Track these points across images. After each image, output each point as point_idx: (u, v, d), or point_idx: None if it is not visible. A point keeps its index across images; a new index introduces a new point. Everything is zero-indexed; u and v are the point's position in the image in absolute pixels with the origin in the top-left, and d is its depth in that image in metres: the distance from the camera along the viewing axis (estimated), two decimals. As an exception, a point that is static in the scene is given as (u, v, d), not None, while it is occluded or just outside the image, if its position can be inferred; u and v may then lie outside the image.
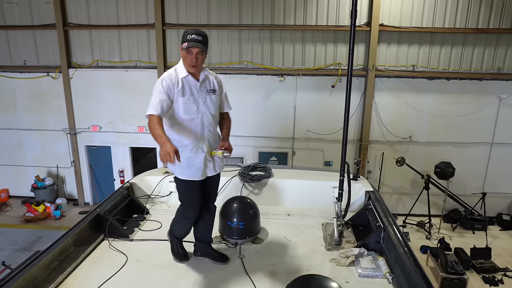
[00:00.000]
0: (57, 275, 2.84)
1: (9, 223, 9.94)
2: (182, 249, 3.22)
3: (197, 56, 2.84)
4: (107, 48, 10.08)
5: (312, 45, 9.64)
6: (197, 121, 2.92)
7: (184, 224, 3.16)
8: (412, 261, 2.61)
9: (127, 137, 10.50)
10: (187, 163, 2.90)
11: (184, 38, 2.85)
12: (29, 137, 10.81)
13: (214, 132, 3.07)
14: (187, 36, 2.83)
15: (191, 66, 2.88)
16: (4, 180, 11.21)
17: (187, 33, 2.86)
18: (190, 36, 2.82)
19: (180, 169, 2.93)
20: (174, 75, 2.88)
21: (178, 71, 2.91)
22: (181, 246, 3.23)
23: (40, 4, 9.87)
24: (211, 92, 3.04)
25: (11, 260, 7.09)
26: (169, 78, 2.85)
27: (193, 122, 2.92)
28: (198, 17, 9.64)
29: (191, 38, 2.82)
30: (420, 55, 9.45)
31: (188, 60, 2.86)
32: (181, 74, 2.90)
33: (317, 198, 4.17)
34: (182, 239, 3.24)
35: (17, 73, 10.37)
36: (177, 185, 3.06)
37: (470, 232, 9.21)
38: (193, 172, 2.94)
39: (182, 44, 2.85)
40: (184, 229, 3.19)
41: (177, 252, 3.20)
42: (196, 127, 2.93)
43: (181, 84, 2.87)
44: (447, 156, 9.49)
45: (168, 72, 2.93)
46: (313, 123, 9.95)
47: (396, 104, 9.70)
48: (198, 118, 2.93)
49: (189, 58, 2.85)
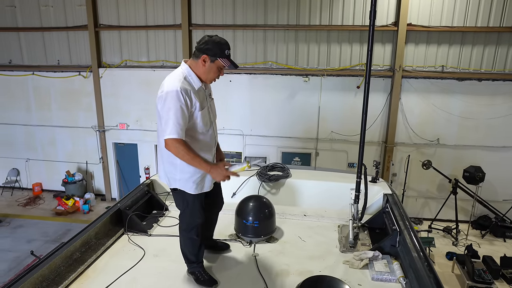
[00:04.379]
0: (78, 266, 2.96)
1: (42, 215, 10.44)
2: (207, 275, 2.85)
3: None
4: (135, 48, 10.39)
5: (337, 45, 9.54)
6: (210, 132, 2.74)
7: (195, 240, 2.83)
8: (427, 266, 2.55)
9: (153, 135, 10.64)
10: (203, 178, 2.71)
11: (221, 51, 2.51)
12: (61, 133, 11.30)
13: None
14: (225, 51, 2.52)
15: (211, 80, 2.68)
16: (38, 174, 11.78)
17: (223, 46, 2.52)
18: (228, 52, 2.53)
19: (196, 184, 2.70)
20: (188, 86, 2.54)
21: (193, 81, 2.59)
22: (204, 272, 2.86)
23: (74, 6, 10.30)
24: (211, 98, 2.85)
25: (42, 250, 7.44)
26: (185, 92, 2.48)
27: (208, 133, 2.72)
28: (224, 17, 9.76)
29: (229, 54, 2.54)
30: (450, 55, 9.15)
31: (212, 75, 2.62)
32: (197, 84, 2.60)
33: (334, 199, 4.14)
34: (200, 260, 2.90)
35: (52, 72, 10.86)
36: (184, 199, 2.75)
37: (500, 240, 8.84)
38: (207, 183, 2.78)
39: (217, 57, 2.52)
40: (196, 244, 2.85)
41: (203, 279, 2.81)
42: (210, 137, 2.75)
43: (198, 95, 2.58)
44: (477, 160, 9.15)
45: (178, 80, 2.52)
46: (337, 124, 9.84)
47: (423, 106, 9.43)
48: (211, 129, 2.75)
49: (215, 74, 2.62)
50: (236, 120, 10.05)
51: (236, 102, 9.99)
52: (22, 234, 9.22)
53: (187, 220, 2.81)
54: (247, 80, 9.96)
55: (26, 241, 8.88)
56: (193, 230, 2.80)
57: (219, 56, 2.52)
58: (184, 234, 2.85)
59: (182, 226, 2.85)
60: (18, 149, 11.67)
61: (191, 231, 2.81)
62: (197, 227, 2.81)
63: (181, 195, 2.76)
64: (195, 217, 2.79)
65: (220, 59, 2.53)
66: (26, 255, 7.85)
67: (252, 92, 10.00)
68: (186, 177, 2.68)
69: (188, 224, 2.81)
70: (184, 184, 2.71)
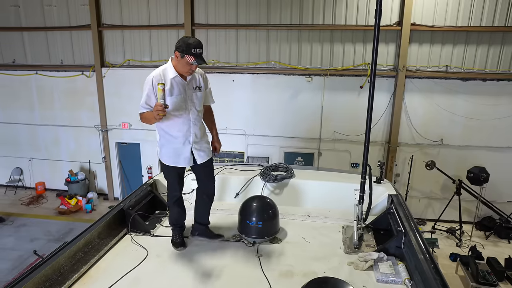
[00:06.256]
0: (81, 266, 2.96)
1: (45, 214, 10.46)
2: (180, 238, 3.42)
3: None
4: (138, 47, 10.38)
5: (340, 45, 9.50)
6: (184, 116, 3.21)
7: (174, 208, 3.43)
8: (433, 268, 2.53)
9: (155, 135, 10.72)
10: (174, 152, 3.27)
11: (188, 49, 2.97)
12: (64, 133, 11.32)
13: (199, 125, 3.34)
14: (192, 49, 2.97)
15: (186, 73, 3.12)
16: (41, 173, 11.80)
17: (191, 45, 2.98)
18: (195, 50, 2.98)
19: (168, 157, 3.30)
20: (161, 75, 3.08)
21: (167, 72, 3.12)
22: (179, 235, 3.43)
23: (77, 6, 10.31)
24: (197, 89, 3.28)
25: (45, 249, 7.43)
26: (156, 79, 3.05)
27: (181, 118, 3.20)
28: (227, 17, 9.74)
29: (197, 52, 2.99)
30: (454, 55, 9.09)
31: (187, 69, 3.08)
32: (170, 75, 3.11)
33: (338, 200, 4.11)
34: (179, 225, 3.45)
35: (55, 72, 10.87)
36: (164, 170, 3.43)
37: (505, 242, 8.79)
38: (179, 160, 3.29)
39: (184, 54, 2.98)
40: (175, 213, 3.44)
41: (175, 241, 3.40)
42: (183, 122, 3.22)
43: (170, 84, 3.09)
44: (481, 161, 9.08)
45: (156, 71, 3.13)
46: (340, 124, 9.80)
47: (427, 106, 9.38)
48: (185, 113, 3.21)
49: (188, 68, 3.07)
50: (238, 120, 10.02)
51: (238, 102, 9.97)
52: (25, 233, 9.24)
53: (168, 190, 3.49)
54: (250, 80, 9.93)
55: (29, 240, 8.90)
56: (172, 199, 3.43)
57: (186, 53, 2.98)
58: (169, 201, 3.49)
59: (168, 194, 3.51)
60: (21, 148, 11.70)
61: (171, 200, 3.44)
62: (175, 197, 3.42)
63: (163, 167, 3.42)
64: (172, 190, 3.42)
65: (186, 55, 2.98)
66: (29, 254, 7.86)
67: (254, 92, 9.96)
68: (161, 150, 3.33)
69: (169, 193, 3.47)
70: (161, 155, 3.35)
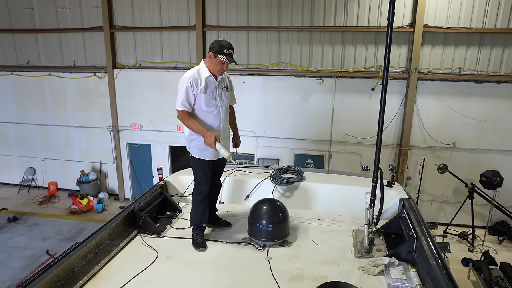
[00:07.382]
0: (92, 267, 2.98)
1: (57, 214, 10.60)
2: (202, 238, 3.48)
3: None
4: (150, 49, 10.47)
5: (352, 46, 9.45)
6: (215, 113, 3.48)
7: (201, 206, 3.50)
8: (445, 274, 2.48)
9: (166, 136, 10.83)
10: (204, 147, 3.38)
11: (220, 49, 3.27)
12: (76, 133, 11.47)
13: (226, 122, 3.64)
14: (224, 49, 3.27)
15: (218, 72, 3.40)
16: (53, 173, 11.98)
17: (223, 46, 3.27)
18: (227, 51, 3.28)
19: (200, 150, 3.46)
20: (197, 75, 3.36)
21: (201, 72, 3.40)
22: (201, 235, 3.50)
23: (90, 8, 10.45)
24: (225, 89, 3.58)
25: (57, 249, 7.54)
26: (193, 77, 3.33)
27: (212, 114, 3.46)
28: (238, 19, 9.76)
29: (229, 52, 3.29)
30: (467, 57, 8.97)
31: (219, 68, 3.37)
32: (204, 74, 3.39)
33: (349, 203, 4.07)
34: (203, 224, 3.53)
35: (68, 73, 11.03)
36: (194, 164, 3.54)
37: (519, 247, 8.64)
38: (208, 153, 3.47)
39: (218, 54, 3.27)
40: (201, 212, 3.51)
41: (197, 241, 3.44)
42: (214, 118, 3.48)
43: (204, 82, 3.37)
44: (495, 165, 8.94)
45: (192, 71, 3.39)
46: (351, 126, 9.74)
47: (439, 108, 9.27)
48: (216, 110, 3.48)
49: (220, 67, 3.36)
50: (249, 122, 10.02)
51: (249, 103, 9.97)
52: (37, 232, 9.38)
53: (196, 186, 3.57)
54: (261, 81, 9.94)
55: (42, 239, 9.03)
56: (200, 196, 3.50)
57: (219, 53, 3.27)
58: (195, 198, 3.55)
59: (194, 191, 3.58)
60: (34, 148, 11.89)
61: (198, 197, 3.51)
62: (203, 194, 3.50)
63: (192, 160, 3.54)
64: (201, 184, 3.52)
65: (219, 55, 3.27)
66: (41, 253, 7.98)
67: (265, 93, 9.96)
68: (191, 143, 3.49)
69: (196, 190, 3.55)
70: (191, 148, 3.51)
